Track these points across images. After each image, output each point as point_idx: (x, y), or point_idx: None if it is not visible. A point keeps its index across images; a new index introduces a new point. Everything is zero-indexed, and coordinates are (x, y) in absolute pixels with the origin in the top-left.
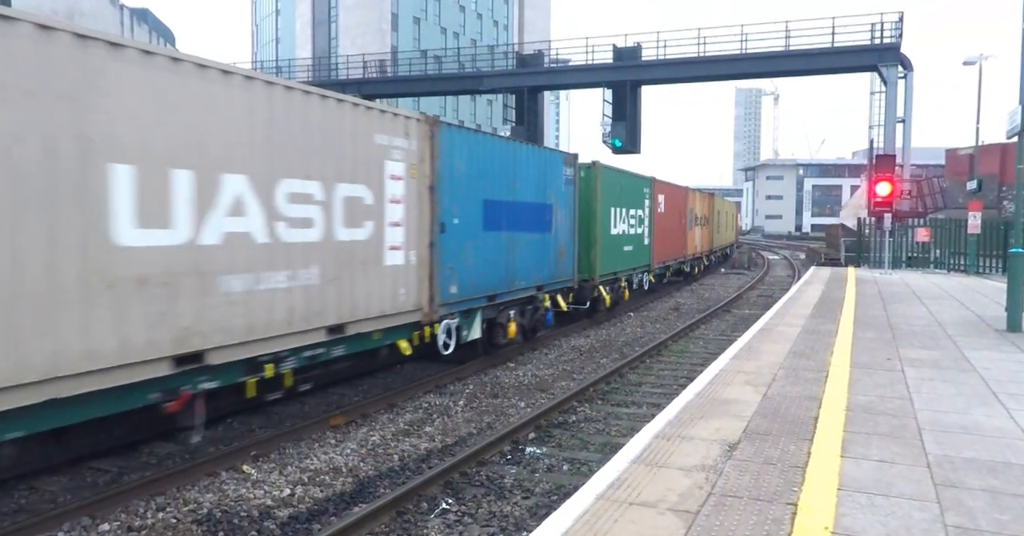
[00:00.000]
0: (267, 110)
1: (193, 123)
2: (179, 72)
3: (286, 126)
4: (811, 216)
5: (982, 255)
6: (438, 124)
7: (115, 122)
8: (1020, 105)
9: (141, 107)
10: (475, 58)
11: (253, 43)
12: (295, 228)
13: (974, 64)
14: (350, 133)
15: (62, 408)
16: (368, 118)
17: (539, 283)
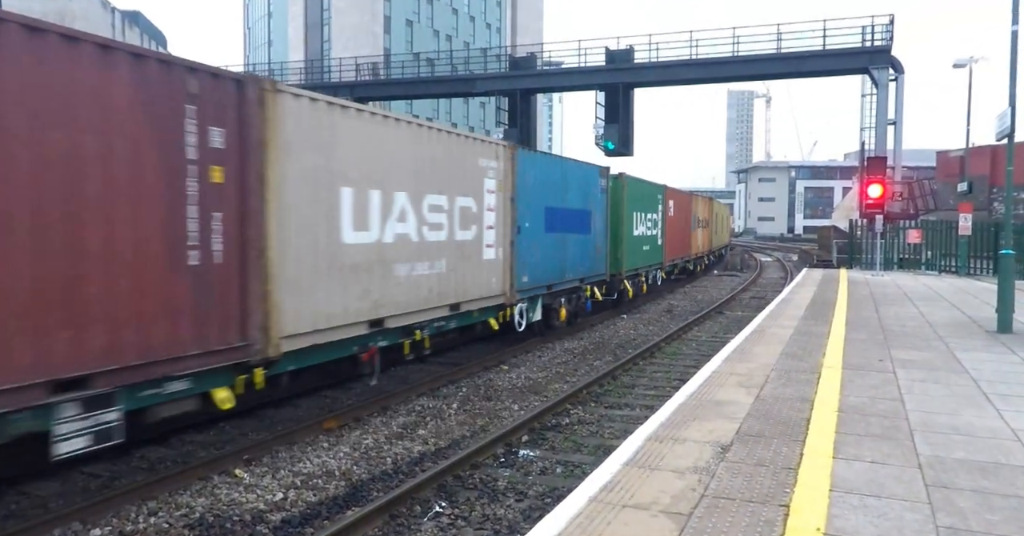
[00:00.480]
0: (416, 144)
1: (378, 156)
2: (372, 121)
3: (427, 154)
4: (803, 218)
5: (973, 257)
6: (517, 148)
7: (342, 159)
8: (1010, 107)
9: (354, 147)
10: (468, 61)
11: (245, 46)
12: (432, 230)
13: (964, 67)
14: (463, 158)
15: (313, 353)
16: (473, 146)
17: (582, 276)
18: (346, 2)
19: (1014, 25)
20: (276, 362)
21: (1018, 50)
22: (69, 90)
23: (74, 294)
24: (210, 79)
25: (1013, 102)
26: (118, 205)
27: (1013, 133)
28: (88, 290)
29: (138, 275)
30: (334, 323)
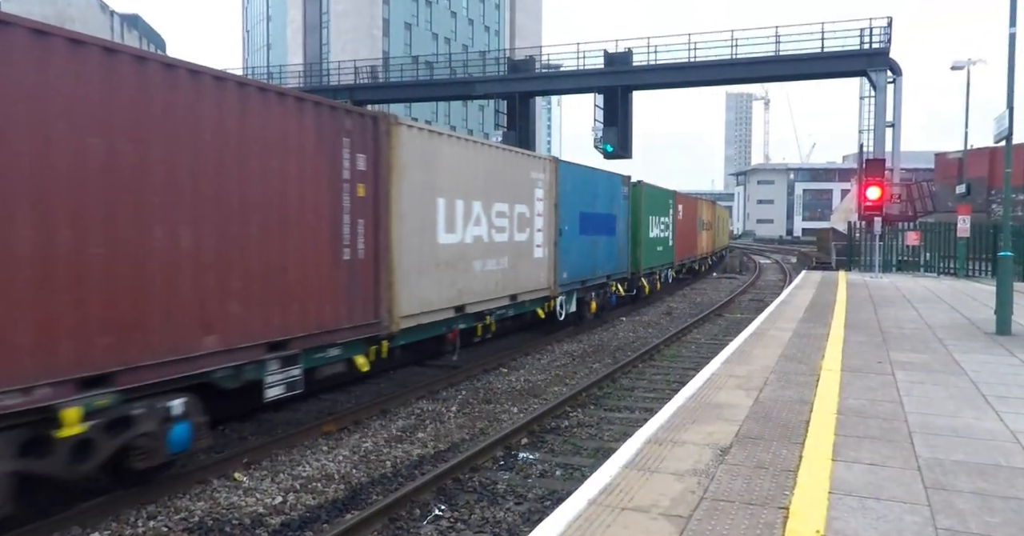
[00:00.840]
0: (486, 160)
1: (461, 171)
2: (458, 144)
3: (494, 168)
4: (802, 220)
5: (972, 258)
6: (559, 161)
7: (439, 175)
8: (1007, 109)
9: (445, 165)
10: (467, 64)
11: (244, 49)
12: (498, 233)
13: (962, 69)
14: (519, 171)
15: (417, 331)
16: (527, 160)
17: (608, 273)
18: (345, 5)
19: (1012, 27)
20: (394, 337)
21: (1016, 52)
22: (282, 130)
23: (282, 280)
24: (358, 117)
25: (1011, 104)
26: (306, 213)
27: (1011, 135)
28: (289, 277)
29: (317, 266)
30: (432, 308)
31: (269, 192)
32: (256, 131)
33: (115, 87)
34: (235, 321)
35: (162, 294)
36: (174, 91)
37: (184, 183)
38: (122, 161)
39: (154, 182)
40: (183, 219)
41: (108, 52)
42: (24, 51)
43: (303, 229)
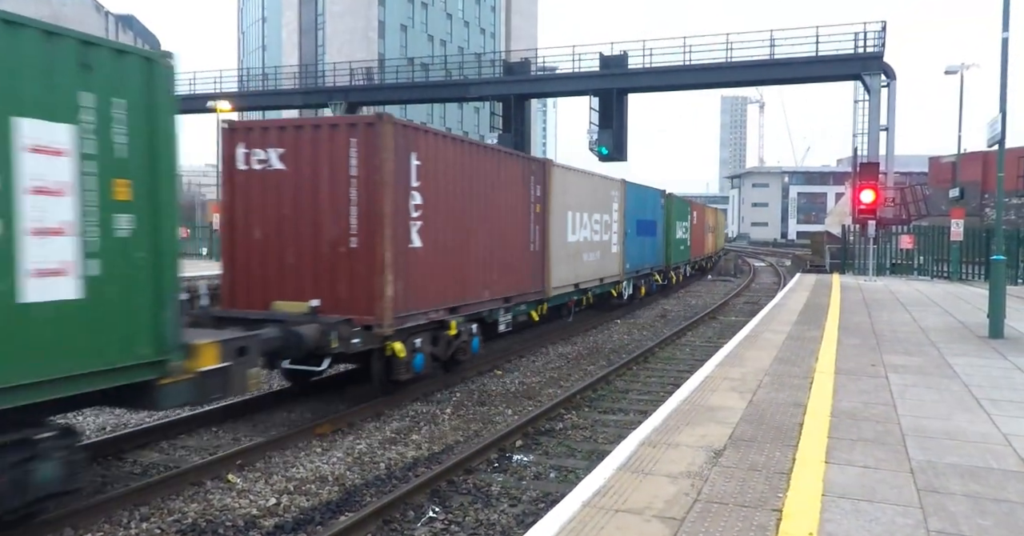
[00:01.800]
0: (589, 184)
1: (575, 191)
2: (577, 175)
3: (593, 189)
4: (796, 223)
5: (965, 262)
6: (625, 182)
7: (569, 197)
8: (1000, 114)
9: (572, 190)
10: (462, 66)
11: (239, 50)
12: (594, 234)
13: (956, 73)
14: (605, 190)
15: (556, 298)
16: (609, 182)
17: (652, 266)
18: (340, 7)
19: (1005, 32)
20: (549, 301)
21: (1008, 56)
22: (510, 173)
23: (508, 261)
24: (537, 162)
25: (1004, 108)
26: (517, 222)
27: (1004, 139)
28: (511, 260)
29: (522, 254)
30: (564, 283)
31: (505, 210)
32: (498, 173)
33: (465, 156)
34: (494, 284)
35: (473, 269)
36: (476, 157)
37: (480, 208)
38: (472, 193)
39: (474, 208)
40: (481, 227)
41: (460, 142)
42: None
43: (516, 232)
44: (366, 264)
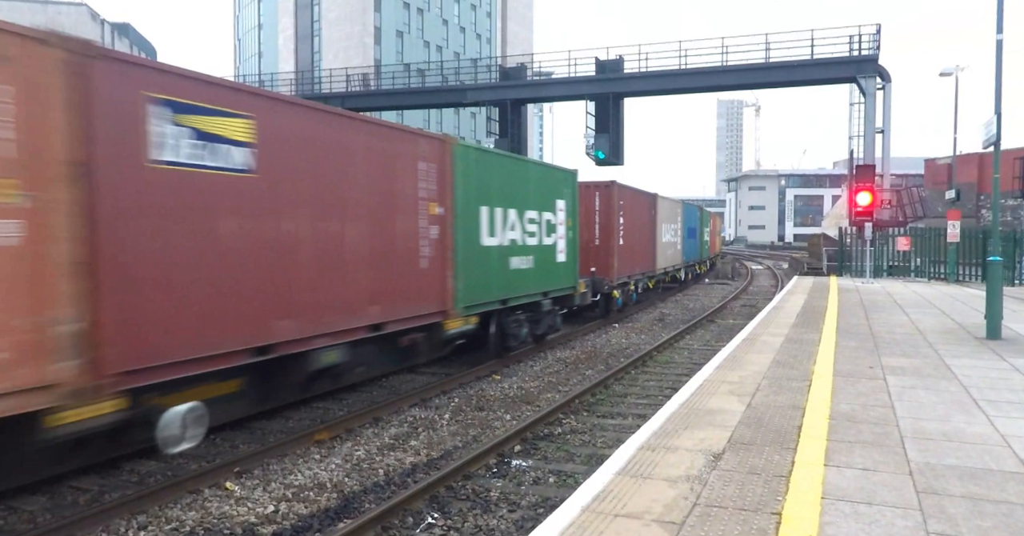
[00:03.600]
0: (668, 204)
1: (670, 210)
2: (665, 200)
3: (665, 208)
4: (793, 226)
5: (962, 263)
6: (682, 203)
7: (659, 214)
8: (995, 115)
9: (663, 205)
10: (458, 71)
11: (236, 57)
12: (671, 237)
13: (950, 75)
14: (674, 207)
15: (660, 274)
16: (674, 202)
17: (695, 260)
18: (336, 14)
19: (999, 34)
20: (656, 276)
21: (1003, 59)
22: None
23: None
24: (673, 202)
25: (999, 110)
26: (644, 233)
27: (999, 140)
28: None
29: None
30: (665, 266)
31: (638, 227)
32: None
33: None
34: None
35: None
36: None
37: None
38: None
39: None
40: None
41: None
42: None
43: (643, 238)
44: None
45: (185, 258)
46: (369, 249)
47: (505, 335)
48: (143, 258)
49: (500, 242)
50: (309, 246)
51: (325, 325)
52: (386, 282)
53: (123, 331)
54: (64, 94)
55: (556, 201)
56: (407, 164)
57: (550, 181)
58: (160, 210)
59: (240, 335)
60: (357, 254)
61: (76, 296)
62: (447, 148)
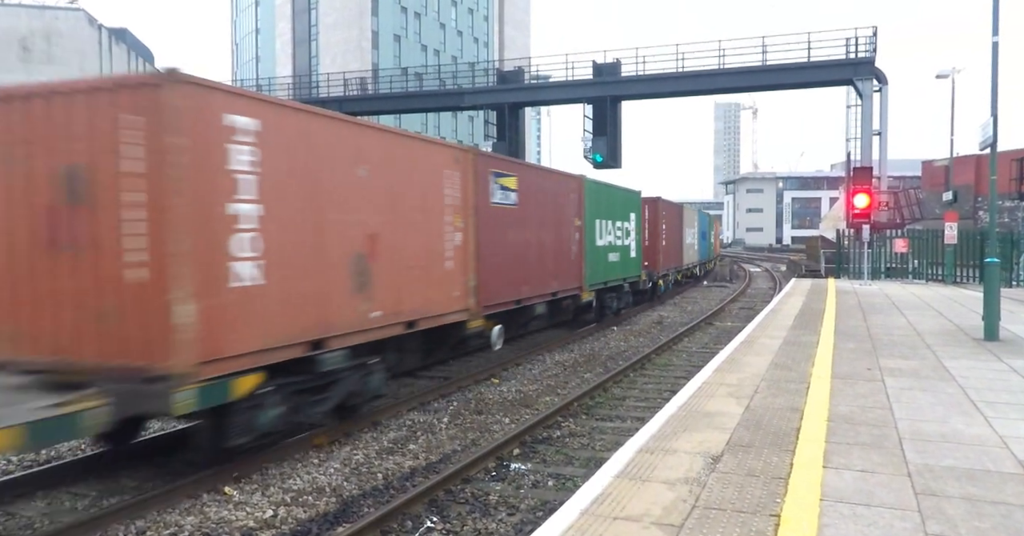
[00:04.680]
0: (688, 213)
1: (691, 220)
2: (689, 210)
3: (687, 216)
4: (791, 228)
5: (959, 265)
6: (698, 212)
7: (684, 223)
8: (992, 117)
9: (687, 217)
10: (456, 75)
11: (233, 62)
12: (690, 238)
13: (947, 77)
14: (693, 215)
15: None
16: (693, 212)
17: (704, 259)
18: (334, 18)
19: (994, 36)
20: (684, 269)
21: (999, 61)
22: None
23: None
24: (675, 208)
25: (995, 112)
26: (677, 237)
27: (996, 142)
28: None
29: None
30: (686, 263)
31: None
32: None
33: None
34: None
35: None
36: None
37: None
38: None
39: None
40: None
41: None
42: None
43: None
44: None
45: (497, 250)
46: (553, 247)
47: (603, 306)
48: (488, 250)
49: (604, 243)
50: (534, 245)
51: (538, 290)
52: (557, 267)
53: (485, 287)
54: (470, 174)
55: (630, 214)
56: (567, 195)
57: (626, 199)
58: (492, 226)
59: (510, 293)
60: (548, 249)
61: (473, 268)
62: (582, 182)
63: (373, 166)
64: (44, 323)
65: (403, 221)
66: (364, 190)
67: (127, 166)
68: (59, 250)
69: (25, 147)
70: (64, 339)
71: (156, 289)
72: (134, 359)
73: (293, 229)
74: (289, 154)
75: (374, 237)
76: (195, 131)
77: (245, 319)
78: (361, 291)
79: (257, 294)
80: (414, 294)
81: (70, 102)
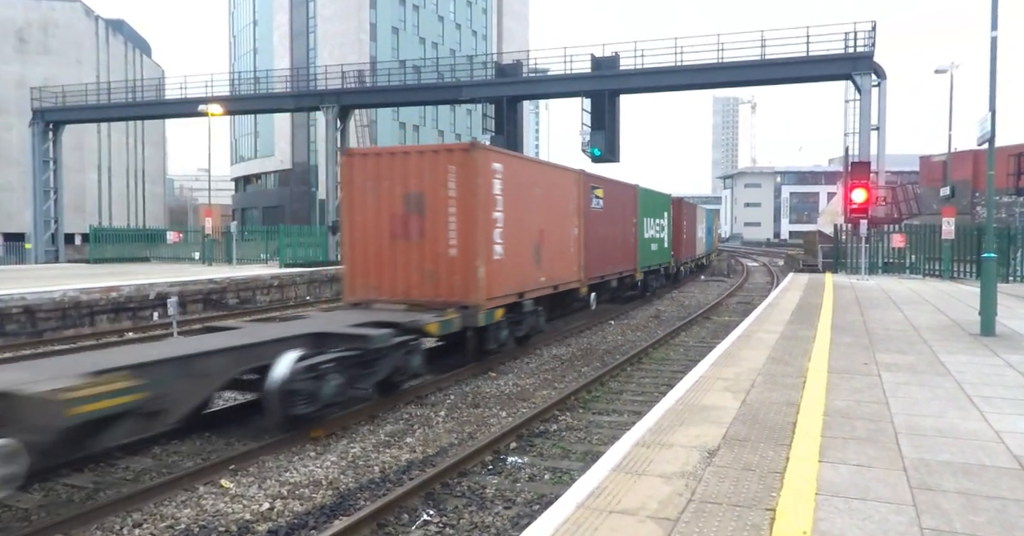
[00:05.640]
0: (701, 213)
1: (700, 219)
2: (700, 209)
3: (697, 214)
4: (789, 223)
5: (957, 260)
6: (705, 210)
7: (696, 219)
8: (990, 112)
9: (699, 215)
10: (454, 68)
11: (231, 54)
12: (700, 233)
13: (945, 72)
14: (703, 213)
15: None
16: (703, 211)
17: (709, 250)
18: (332, 10)
19: (993, 31)
20: (696, 259)
21: (997, 56)
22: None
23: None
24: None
25: (993, 107)
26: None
27: (994, 137)
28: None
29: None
30: (697, 253)
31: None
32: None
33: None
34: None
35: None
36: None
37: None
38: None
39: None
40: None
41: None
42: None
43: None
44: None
45: (593, 240)
46: (621, 239)
47: (647, 286)
48: (589, 240)
49: (648, 236)
50: (611, 237)
51: (613, 269)
52: (623, 253)
53: (588, 266)
54: (581, 189)
55: (664, 212)
56: (628, 199)
57: (662, 200)
58: (591, 223)
59: (599, 271)
60: (618, 240)
61: (583, 253)
62: (636, 189)
63: (541, 187)
64: (395, 280)
65: (554, 221)
66: (538, 202)
67: (448, 192)
68: (404, 239)
69: (386, 182)
70: (407, 288)
71: (465, 260)
72: (455, 298)
73: (513, 226)
74: (511, 182)
75: (542, 231)
76: (480, 172)
77: (498, 278)
78: (536, 264)
79: (502, 264)
80: (557, 268)
81: (416, 157)
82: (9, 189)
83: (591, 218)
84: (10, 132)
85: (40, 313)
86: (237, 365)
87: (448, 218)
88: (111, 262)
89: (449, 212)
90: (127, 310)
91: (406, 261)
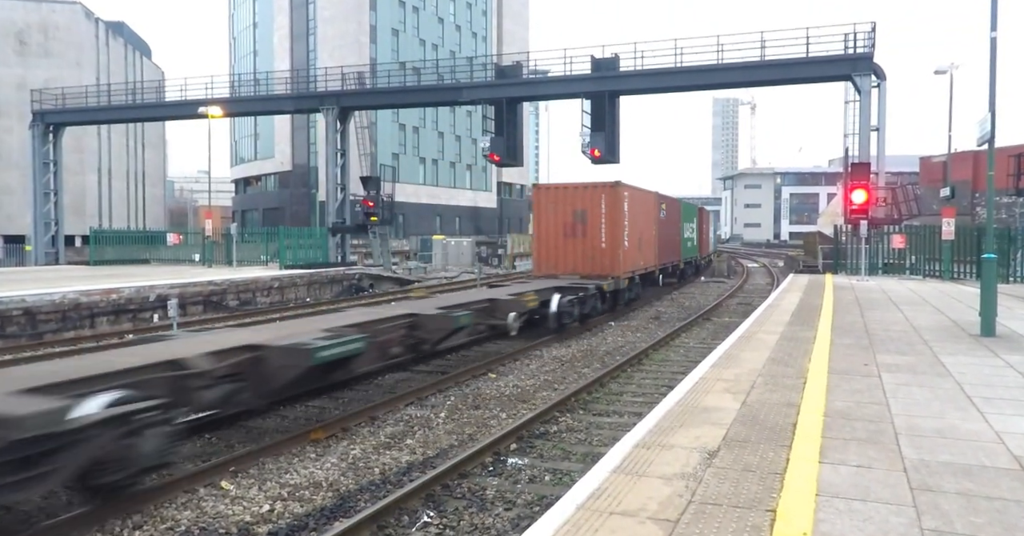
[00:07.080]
0: (702, 216)
1: (702, 223)
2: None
3: (701, 217)
4: (789, 224)
5: (957, 261)
6: (708, 212)
7: (701, 225)
8: (990, 113)
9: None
10: (454, 69)
11: (231, 56)
12: (696, 235)
13: (945, 73)
14: (709, 217)
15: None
16: (706, 213)
17: (712, 251)
18: (332, 12)
19: (992, 32)
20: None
21: (997, 57)
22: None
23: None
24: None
25: (993, 107)
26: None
27: (993, 138)
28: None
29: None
30: (702, 253)
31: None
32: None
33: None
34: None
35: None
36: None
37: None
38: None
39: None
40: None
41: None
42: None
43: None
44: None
45: (660, 239)
46: (673, 238)
47: (684, 274)
48: (659, 239)
49: (684, 236)
50: (667, 236)
51: (668, 260)
52: (673, 249)
53: (658, 256)
54: (655, 204)
55: (693, 218)
56: (675, 209)
57: (693, 209)
58: (660, 228)
59: (662, 260)
60: (672, 239)
61: (657, 248)
62: (679, 201)
63: (640, 205)
64: (567, 262)
65: (646, 226)
66: (640, 214)
67: (601, 210)
68: (572, 237)
69: (561, 204)
70: (575, 266)
71: (611, 249)
72: (606, 272)
73: (632, 230)
74: (631, 203)
75: (641, 232)
76: (618, 198)
77: (626, 261)
78: (639, 254)
79: (627, 253)
80: (647, 257)
81: (580, 189)
82: (9, 191)
83: (660, 224)
84: (10, 134)
85: (40, 315)
86: (487, 318)
87: (600, 225)
88: (111, 264)
89: (601, 221)
90: (127, 312)
91: (575, 250)
